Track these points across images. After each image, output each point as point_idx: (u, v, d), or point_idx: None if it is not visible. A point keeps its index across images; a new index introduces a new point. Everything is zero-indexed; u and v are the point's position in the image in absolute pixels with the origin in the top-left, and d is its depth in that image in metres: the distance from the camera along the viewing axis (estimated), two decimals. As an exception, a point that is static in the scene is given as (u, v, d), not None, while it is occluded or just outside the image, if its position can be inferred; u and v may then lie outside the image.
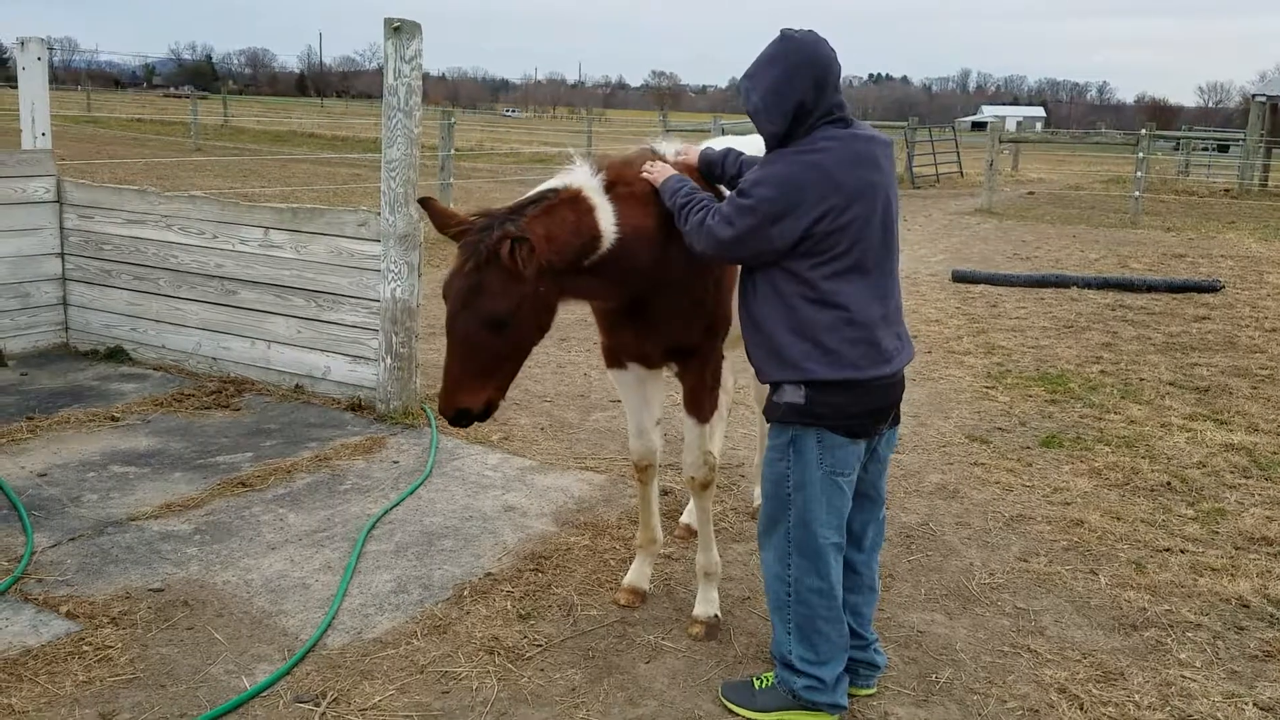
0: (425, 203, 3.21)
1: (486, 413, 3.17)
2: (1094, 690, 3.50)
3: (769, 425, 3.24)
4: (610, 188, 3.31)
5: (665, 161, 3.52)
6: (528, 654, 3.60)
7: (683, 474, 3.86)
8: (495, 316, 3.02)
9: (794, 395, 3.08)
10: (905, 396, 3.30)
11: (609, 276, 3.31)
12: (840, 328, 3.01)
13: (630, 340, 3.66)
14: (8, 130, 21.84)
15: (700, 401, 3.67)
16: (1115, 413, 6.71)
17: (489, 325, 3.03)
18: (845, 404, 3.06)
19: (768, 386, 4.77)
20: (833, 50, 3.05)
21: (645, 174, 3.39)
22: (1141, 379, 7.57)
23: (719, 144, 3.76)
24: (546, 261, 3.07)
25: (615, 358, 3.82)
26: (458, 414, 3.11)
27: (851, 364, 3.02)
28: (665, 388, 3.93)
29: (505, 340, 3.09)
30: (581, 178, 3.32)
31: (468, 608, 3.90)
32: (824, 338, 3.01)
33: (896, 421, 3.28)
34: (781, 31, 3.05)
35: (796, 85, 2.97)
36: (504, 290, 3.01)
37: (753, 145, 4.01)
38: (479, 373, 3.11)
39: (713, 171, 3.57)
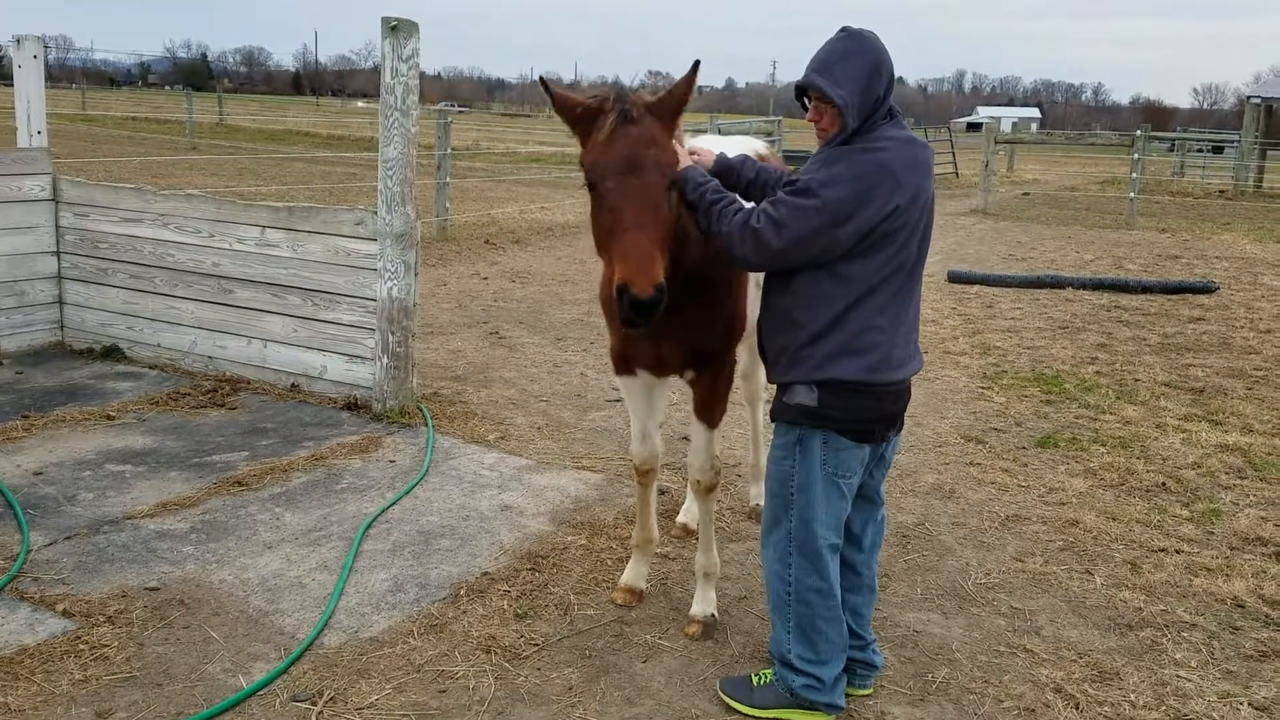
0: (545, 83, 3.09)
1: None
2: (1090, 690, 3.51)
3: (776, 424, 3.23)
4: None
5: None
6: (524, 653, 3.60)
7: (688, 477, 3.86)
8: (670, 169, 2.98)
9: (806, 396, 3.07)
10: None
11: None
12: (866, 331, 3.01)
13: (648, 345, 3.47)
14: (3, 128, 21.80)
15: (712, 408, 3.62)
16: (1110, 413, 6.72)
17: (668, 181, 2.98)
18: (858, 407, 3.06)
19: (758, 386, 4.81)
20: None
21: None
22: (1137, 380, 7.59)
23: (707, 144, 3.72)
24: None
25: (627, 364, 3.66)
26: (659, 290, 2.81)
27: (870, 367, 3.02)
28: (668, 391, 3.91)
29: (670, 210, 3.01)
30: None
31: (464, 607, 3.90)
32: (850, 338, 3.01)
33: (901, 427, 3.29)
34: (846, 29, 3.04)
35: (879, 81, 2.99)
36: (667, 144, 3.01)
37: (741, 147, 4.00)
38: (663, 241, 2.94)
39: (729, 178, 3.36)
